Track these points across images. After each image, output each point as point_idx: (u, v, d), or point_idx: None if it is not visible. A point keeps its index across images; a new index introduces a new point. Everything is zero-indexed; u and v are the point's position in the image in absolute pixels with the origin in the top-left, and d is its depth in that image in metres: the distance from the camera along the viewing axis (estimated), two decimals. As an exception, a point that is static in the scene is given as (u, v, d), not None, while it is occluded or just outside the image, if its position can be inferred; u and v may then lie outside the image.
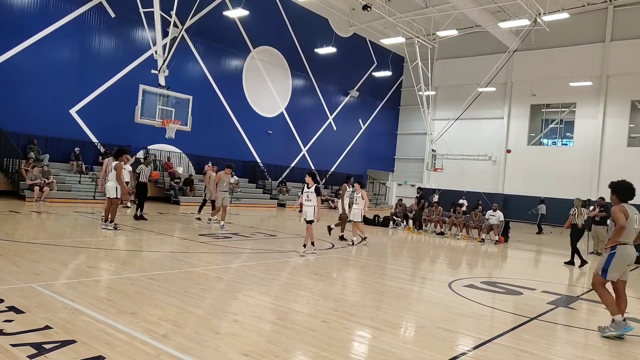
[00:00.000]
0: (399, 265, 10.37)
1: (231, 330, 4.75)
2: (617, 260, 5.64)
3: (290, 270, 8.58)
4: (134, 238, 10.54)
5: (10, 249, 7.94)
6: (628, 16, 27.91)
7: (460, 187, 31.86)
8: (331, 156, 32.98)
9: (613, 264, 5.65)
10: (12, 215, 12.91)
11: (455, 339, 5.17)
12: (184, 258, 8.63)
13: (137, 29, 21.45)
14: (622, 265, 5.67)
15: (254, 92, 27.33)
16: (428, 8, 28.65)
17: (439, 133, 32.26)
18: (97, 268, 7.07)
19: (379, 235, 16.30)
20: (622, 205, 5.78)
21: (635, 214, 5.74)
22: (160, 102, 17.96)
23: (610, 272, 5.66)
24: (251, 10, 24.37)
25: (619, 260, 5.64)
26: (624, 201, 5.85)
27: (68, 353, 3.81)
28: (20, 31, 18.30)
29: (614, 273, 5.66)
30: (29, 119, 18.49)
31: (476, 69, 31.45)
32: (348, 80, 33.69)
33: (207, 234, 12.04)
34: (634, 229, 5.72)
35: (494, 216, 16.45)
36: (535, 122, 32.34)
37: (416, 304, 6.92)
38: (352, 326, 5.27)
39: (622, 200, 5.85)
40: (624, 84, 28.01)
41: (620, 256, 5.64)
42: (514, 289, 8.24)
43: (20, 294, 5.30)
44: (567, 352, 5.06)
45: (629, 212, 5.69)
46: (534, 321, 6.09)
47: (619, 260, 5.64)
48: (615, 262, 5.64)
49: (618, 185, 5.96)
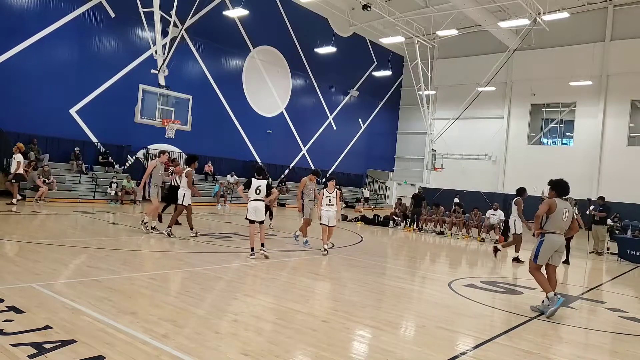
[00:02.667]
0: (399, 265, 10.37)
1: (231, 330, 4.75)
2: (545, 247, 6.49)
3: (290, 270, 8.58)
4: (134, 238, 10.54)
5: (11, 248, 7.94)
6: (628, 15, 27.91)
7: (460, 186, 31.86)
8: (331, 156, 32.99)
9: (542, 251, 6.51)
10: (12, 214, 12.91)
11: (455, 339, 5.17)
12: (184, 258, 8.63)
13: (137, 29, 21.44)
14: (550, 251, 6.49)
15: (253, 91, 27.33)
16: (428, 7, 28.64)
17: (438, 133, 32.26)
18: (97, 268, 7.06)
19: (379, 234, 16.30)
20: (553, 199, 6.53)
21: (565, 208, 6.48)
22: (160, 102, 17.95)
23: (539, 257, 6.53)
24: (251, 10, 24.37)
25: (546, 247, 6.48)
26: (560, 197, 6.59)
27: (68, 353, 3.80)
28: (20, 31, 18.29)
29: (542, 258, 6.52)
30: (28, 118, 18.48)
31: (476, 69, 31.44)
32: (348, 80, 33.68)
33: (207, 234, 12.04)
34: (561, 220, 6.47)
35: (494, 215, 16.45)
36: (535, 122, 32.34)
37: (416, 304, 6.92)
38: (353, 326, 5.27)
39: (559, 196, 6.60)
40: (623, 84, 28.01)
41: (548, 243, 6.47)
42: (514, 289, 8.24)
43: (20, 294, 5.30)
44: (567, 351, 5.05)
45: (558, 205, 6.45)
46: (534, 321, 6.09)
47: (546, 247, 6.48)
48: (544, 249, 6.49)
49: (557, 183, 6.67)
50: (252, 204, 9.02)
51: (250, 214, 9.00)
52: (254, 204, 9.00)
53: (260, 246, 9.03)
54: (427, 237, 16.64)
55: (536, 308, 6.50)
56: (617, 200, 23.26)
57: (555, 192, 6.63)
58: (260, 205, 9.02)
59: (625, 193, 25.57)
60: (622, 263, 13.13)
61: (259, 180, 9.09)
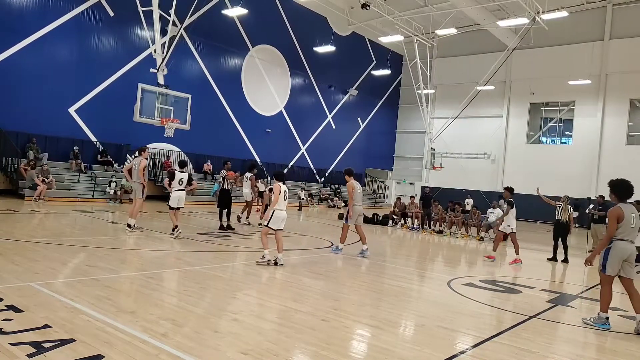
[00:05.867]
0: (398, 264, 10.37)
1: (231, 329, 4.75)
2: (613, 256, 5.69)
3: (290, 269, 8.57)
4: (134, 237, 10.53)
5: (10, 247, 7.93)
6: (627, 14, 27.91)
7: (459, 185, 31.90)
8: (330, 155, 32.98)
9: (610, 259, 5.72)
10: (11, 214, 12.89)
11: (454, 338, 5.17)
12: (183, 257, 8.63)
13: (136, 28, 21.39)
14: (619, 260, 5.70)
15: (253, 90, 27.30)
16: (427, 6, 28.61)
17: (438, 131, 32.26)
18: (96, 267, 7.05)
19: (378, 233, 16.30)
20: (619, 207, 5.75)
21: (632, 213, 5.74)
22: (159, 101, 17.96)
23: (608, 266, 5.74)
24: (250, 9, 24.32)
25: (615, 255, 5.69)
26: (622, 200, 5.85)
27: (67, 352, 3.80)
28: (19, 30, 18.25)
29: (612, 267, 5.72)
30: (27, 118, 18.45)
31: (475, 68, 31.45)
32: (347, 79, 33.67)
33: (206, 233, 12.04)
34: (630, 227, 5.73)
35: (493, 214, 16.44)
36: (534, 121, 32.35)
37: (415, 303, 6.93)
38: (352, 325, 5.27)
39: (621, 200, 5.86)
40: (622, 82, 28.02)
41: (616, 251, 5.69)
42: (513, 288, 8.25)
43: (20, 293, 5.29)
44: (567, 350, 5.06)
45: (625, 212, 5.69)
46: (533, 319, 6.10)
47: (614, 254, 5.69)
48: (612, 257, 5.70)
49: (617, 184, 5.96)
50: (176, 193, 10.54)
51: (173, 202, 10.55)
52: (178, 193, 10.55)
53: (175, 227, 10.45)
54: (443, 239, 16.62)
55: (589, 321, 5.97)
56: (616, 199, 23.29)
57: (617, 196, 5.88)
58: (182, 195, 10.61)
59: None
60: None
61: (182, 173, 10.66)
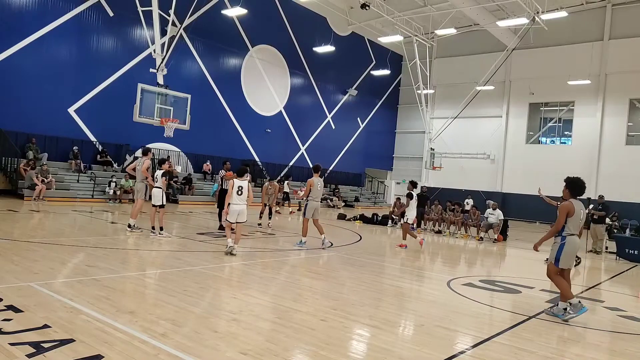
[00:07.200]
0: (397, 264, 10.37)
1: (230, 329, 4.75)
2: (567, 250, 6.22)
3: (289, 269, 8.58)
4: (133, 237, 10.53)
5: (9, 247, 7.92)
6: (626, 14, 27.91)
7: (459, 185, 31.90)
8: (330, 155, 32.97)
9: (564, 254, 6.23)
10: (10, 214, 12.89)
11: (454, 338, 5.17)
12: (182, 257, 8.63)
13: (136, 28, 21.39)
14: (573, 254, 6.30)
15: (252, 90, 27.30)
16: (426, 6, 28.63)
17: (437, 131, 32.25)
18: (96, 267, 7.05)
19: (378, 233, 16.30)
20: (571, 202, 6.24)
21: (581, 209, 6.26)
22: (158, 101, 17.95)
23: (562, 261, 6.24)
24: (250, 9, 24.31)
25: (568, 250, 6.22)
26: (574, 197, 6.33)
27: (67, 352, 3.80)
28: (19, 30, 18.23)
29: (565, 261, 6.25)
30: (27, 118, 18.44)
31: (475, 68, 31.45)
32: (346, 79, 33.67)
33: (205, 233, 12.03)
34: (579, 222, 6.26)
35: (492, 214, 16.45)
36: (533, 121, 32.34)
37: (415, 303, 6.93)
38: (351, 325, 5.27)
39: (572, 196, 6.33)
40: (622, 83, 28.02)
41: (570, 246, 6.22)
42: (512, 288, 8.25)
43: (19, 293, 5.29)
44: (567, 350, 5.06)
45: (576, 207, 6.19)
46: (533, 319, 6.10)
47: (568, 249, 6.22)
48: (566, 252, 6.22)
49: (573, 181, 6.40)
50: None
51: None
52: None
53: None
54: (442, 239, 16.62)
55: (551, 312, 6.36)
56: (616, 199, 23.31)
57: (570, 192, 6.35)
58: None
59: (623, 192, 25.62)
60: (620, 262, 13.17)
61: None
